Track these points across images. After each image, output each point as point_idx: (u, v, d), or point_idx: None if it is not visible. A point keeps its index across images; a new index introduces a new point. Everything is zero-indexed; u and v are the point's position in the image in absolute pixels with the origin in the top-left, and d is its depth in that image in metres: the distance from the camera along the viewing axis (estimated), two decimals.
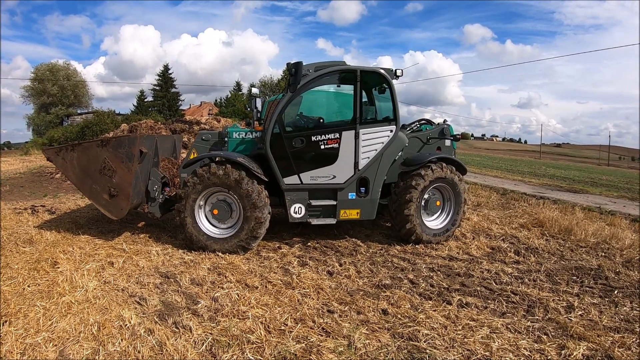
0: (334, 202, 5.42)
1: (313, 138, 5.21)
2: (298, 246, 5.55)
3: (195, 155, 5.77)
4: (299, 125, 5.52)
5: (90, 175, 5.23)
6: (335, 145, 5.26)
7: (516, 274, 4.63)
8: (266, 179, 5.17)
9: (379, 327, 3.27)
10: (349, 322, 3.34)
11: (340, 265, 4.82)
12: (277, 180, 5.27)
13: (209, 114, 37.16)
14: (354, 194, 5.47)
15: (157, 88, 42.08)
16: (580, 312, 3.69)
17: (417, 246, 5.56)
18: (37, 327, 3.20)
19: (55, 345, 2.98)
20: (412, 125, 6.49)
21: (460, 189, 5.72)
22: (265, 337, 3.06)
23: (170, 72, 43.37)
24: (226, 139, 5.94)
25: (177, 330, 3.20)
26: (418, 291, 4.06)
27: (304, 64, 5.18)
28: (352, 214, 5.53)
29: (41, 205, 8.01)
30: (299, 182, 5.29)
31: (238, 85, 48.70)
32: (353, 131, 5.28)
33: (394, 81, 5.49)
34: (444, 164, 5.61)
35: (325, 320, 3.34)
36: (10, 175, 11.99)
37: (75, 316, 3.37)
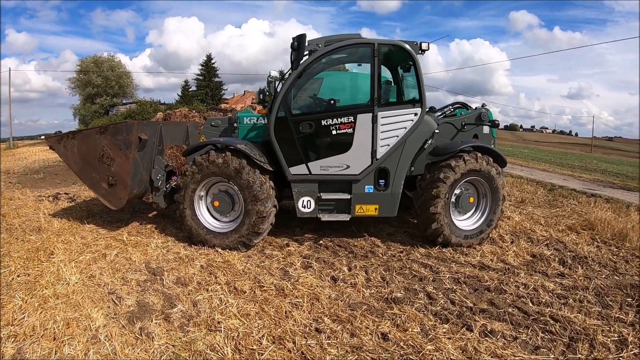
0: (348, 196, 4.89)
1: (323, 122, 4.68)
2: (308, 244, 5.11)
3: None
4: (307, 108, 5.03)
5: (90, 163, 5.12)
6: (349, 131, 4.70)
7: (559, 292, 3.83)
8: (271, 169, 4.76)
9: (372, 358, 2.72)
10: (337, 348, 2.82)
11: (349, 269, 4.30)
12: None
13: (252, 103, 37.53)
14: (372, 187, 4.89)
15: (200, 78, 43.23)
16: (634, 350, 2.90)
17: (444, 250, 4.88)
18: (7, 320, 3.12)
19: (17, 342, 2.88)
20: (445, 110, 5.77)
21: (498, 184, 4.94)
22: (229, 358, 2.65)
23: (213, 62, 44.38)
24: (236, 125, 5.62)
25: (139, 337, 2.94)
26: (434, 309, 3.42)
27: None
28: (370, 209, 4.96)
29: (65, 193, 8.24)
30: (307, 173, 4.81)
31: (282, 74, 48.83)
32: (370, 114, 4.68)
33: (419, 56, 4.79)
34: (479, 154, 4.85)
35: (308, 342, 2.85)
36: (49, 164, 12.69)
37: (47, 312, 3.26)
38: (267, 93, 5.26)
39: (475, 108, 5.72)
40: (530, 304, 3.57)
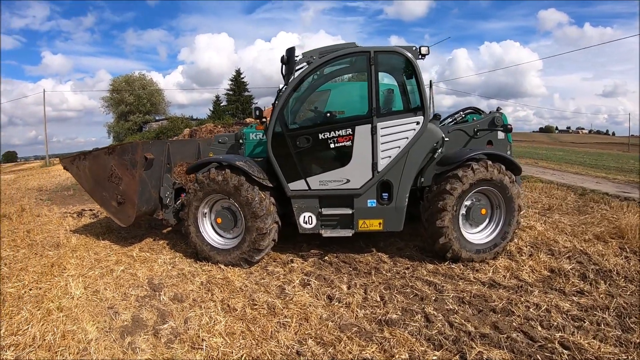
0: (350, 211, 4.81)
1: (320, 136, 4.66)
2: (312, 260, 5.07)
3: None
4: (304, 122, 5.02)
5: (100, 183, 5.40)
6: (348, 143, 4.65)
7: (574, 313, 3.52)
8: (270, 185, 4.78)
9: None
10: None
11: (348, 288, 4.21)
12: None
13: None
14: (374, 201, 4.79)
15: (231, 93, 44.58)
16: None
17: (453, 265, 4.68)
18: (12, 330, 3.36)
19: (17, 350, 3.09)
20: (456, 116, 5.59)
21: (512, 193, 4.69)
22: None
23: (242, 76, 45.68)
24: (241, 141, 5.71)
25: (126, 351, 3.08)
26: (429, 333, 3.23)
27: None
28: (374, 224, 4.85)
29: (90, 210, 8.69)
30: (307, 188, 4.78)
31: None
32: (369, 125, 4.61)
33: (419, 61, 4.67)
34: (490, 162, 4.64)
35: None
36: None
37: (49, 324, 3.46)
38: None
39: (490, 112, 5.49)
40: (539, 328, 3.30)
